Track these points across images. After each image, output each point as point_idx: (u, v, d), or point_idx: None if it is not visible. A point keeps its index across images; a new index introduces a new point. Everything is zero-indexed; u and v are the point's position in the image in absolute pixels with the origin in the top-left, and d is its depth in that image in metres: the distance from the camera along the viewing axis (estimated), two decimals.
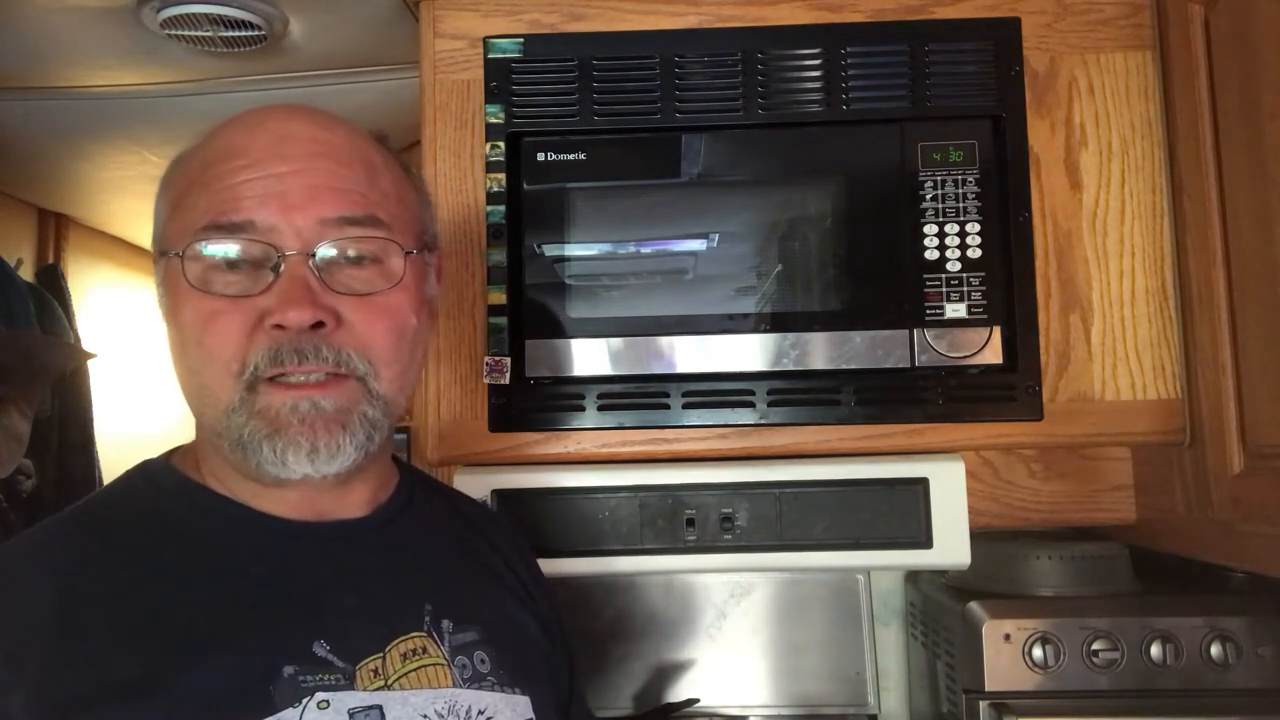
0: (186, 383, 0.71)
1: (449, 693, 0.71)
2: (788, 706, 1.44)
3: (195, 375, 0.70)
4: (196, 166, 0.72)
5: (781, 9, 1.14)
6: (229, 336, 0.67)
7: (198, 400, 0.71)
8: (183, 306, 0.69)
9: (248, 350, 0.67)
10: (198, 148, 0.73)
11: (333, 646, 0.68)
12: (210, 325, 0.68)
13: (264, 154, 0.70)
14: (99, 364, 1.97)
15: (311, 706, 0.65)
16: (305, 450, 0.68)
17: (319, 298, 0.68)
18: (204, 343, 0.68)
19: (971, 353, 1.08)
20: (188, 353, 0.69)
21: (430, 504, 0.85)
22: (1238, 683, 1.06)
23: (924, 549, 1.08)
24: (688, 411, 1.10)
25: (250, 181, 0.69)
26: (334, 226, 0.70)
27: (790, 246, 1.12)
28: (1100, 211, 1.11)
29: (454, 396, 1.12)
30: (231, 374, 0.68)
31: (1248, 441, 0.96)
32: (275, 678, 0.65)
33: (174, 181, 0.73)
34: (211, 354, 0.68)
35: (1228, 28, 0.97)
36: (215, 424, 0.70)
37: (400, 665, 0.70)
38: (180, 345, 0.70)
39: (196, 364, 0.69)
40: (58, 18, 1.26)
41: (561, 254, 1.12)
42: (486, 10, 1.15)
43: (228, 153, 0.70)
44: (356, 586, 0.73)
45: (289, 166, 0.69)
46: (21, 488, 1.71)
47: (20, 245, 2.05)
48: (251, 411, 0.68)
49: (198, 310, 0.68)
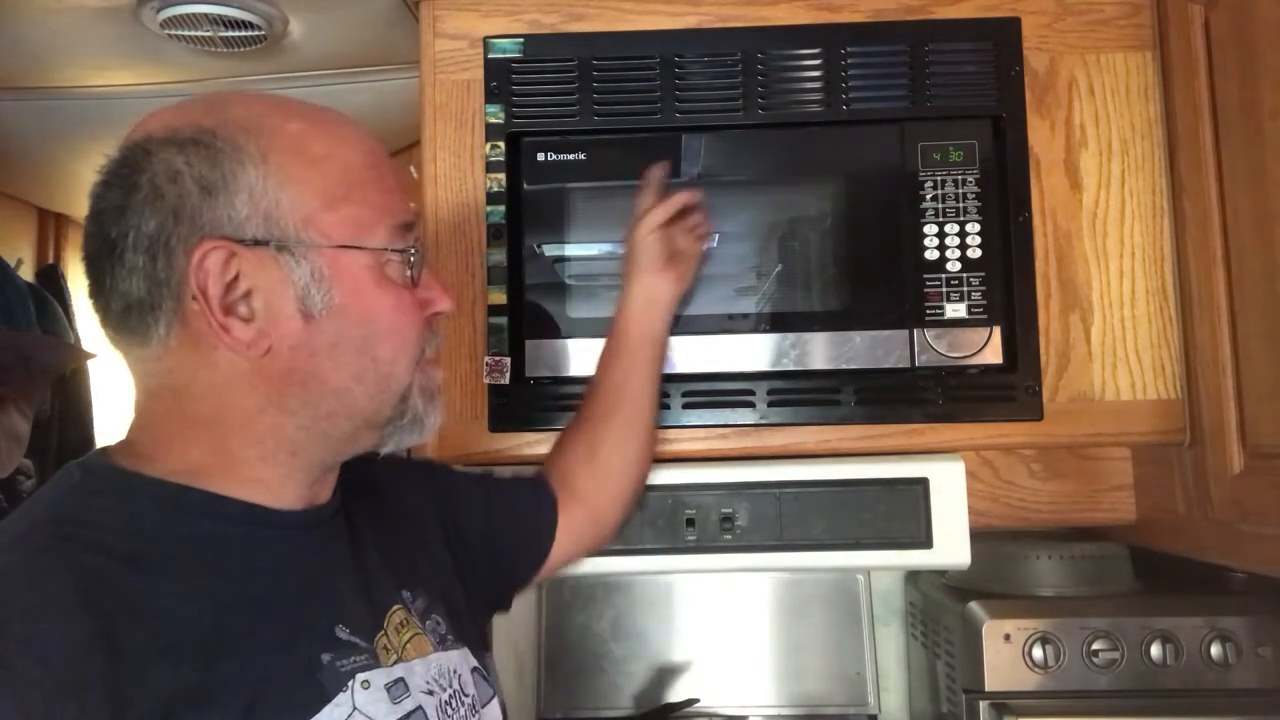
0: (367, 372, 0.72)
1: (434, 657, 0.76)
2: (788, 706, 1.44)
3: (383, 363, 0.72)
4: (346, 163, 0.71)
5: (781, 9, 1.14)
6: (417, 325, 0.74)
7: (375, 388, 0.73)
8: (380, 299, 0.72)
9: (422, 336, 0.75)
10: (325, 139, 0.71)
11: (351, 629, 0.70)
12: (406, 316, 0.73)
13: (380, 156, 0.75)
14: (99, 364, 1.97)
15: (356, 688, 0.67)
16: (439, 416, 0.78)
17: None
18: (401, 331, 0.73)
19: (971, 353, 1.08)
20: (381, 343, 0.72)
21: (353, 476, 0.84)
22: (1238, 683, 1.06)
23: (924, 549, 1.08)
24: (688, 411, 1.10)
25: (397, 188, 0.75)
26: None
27: (790, 246, 1.12)
28: (1100, 211, 1.11)
29: (454, 396, 1.12)
30: (413, 358, 0.74)
31: (1248, 441, 0.96)
32: (318, 667, 0.66)
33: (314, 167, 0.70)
34: (405, 340, 0.73)
35: (1228, 28, 0.97)
36: (384, 409, 0.74)
37: (399, 637, 0.74)
38: (372, 337, 0.72)
39: (390, 351, 0.73)
40: (58, 18, 1.26)
41: (561, 254, 1.12)
42: (486, 10, 1.15)
43: (364, 152, 0.73)
44: (342, 568, 0.74)
45: (390, 169, 0.76)
46: (21, 488, 1.71)
47: (20, 245, 2.05)
48: (420, 389, 0.75)
49: (397, 301, 0.73)
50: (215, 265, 0.67)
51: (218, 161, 0.68)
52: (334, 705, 0.65)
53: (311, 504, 0.75)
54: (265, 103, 0.73)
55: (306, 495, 0.74)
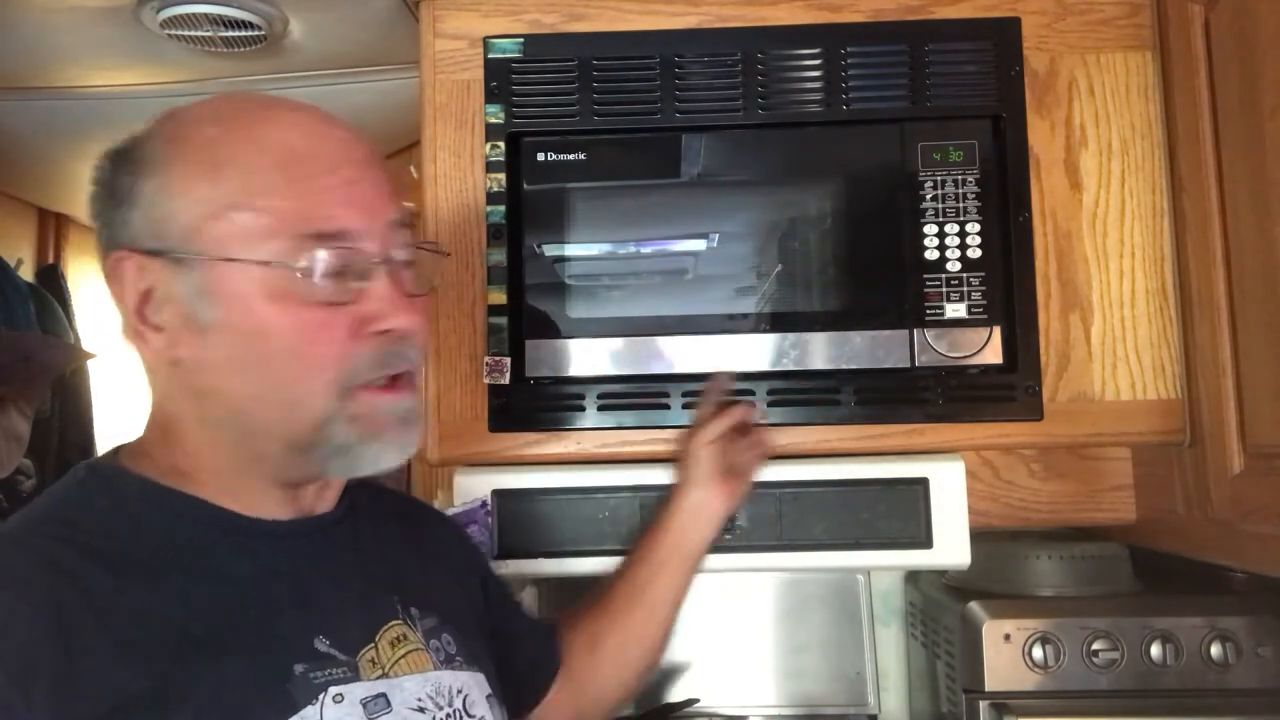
0: (266, 395, 0.68)
1: (433, 675, 0.74)
2: (788, 706, 1.44)
3: (283, 387, 0.67)
4: (260, 170, 0.67)
5: (781, 9, 1.14)
6: (332, 344, 0.67)
7: (281, 411, 0.68)
8: (271, 317, 0.66)
9: (350, 357, 0.67)
10: (246, 149, 0.68)
11: (332, 640, 0.69)
12: (311, 334, 0.67)
13: (336, 160, 0.69)
14: (99, 364, 1.97)
15: (328, 701, 0.66)
16: (397, 450, 0.70)
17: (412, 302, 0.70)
18: (304, 352, 0.67)
19: (971, 353, 1.08)
20: (275, 364, 0.67)
21: (369, 495, 0.85)
22: (1238, 683, 1.06)
23: (924, 549, 1.08)
24: (688, 411, 1.09)
25: (333, 188, 0.68)
26: (397, 229, 0.71)
27: (790, 246, 1.12)
28: (1100, 211, 1.11)
29: (454, 396, 1.12)
30: (328, 381, 0.67)
31: (1248, 441, 0.96)
32: (289, 676, 0.65)
33: (206, 175, 0.67)
34: (311, 363, 0.67)
35: (1228, 28, 0.97)
36: (299, 435, 0.68)
37: (391, 652, 0.72)
38: (263, 357, 0.67)
39: (289, 375, 0.67)
40: (58, 18, 1.26)
41: (561, 254, 1.12)
42: (486, 10, 1.15)
43: (297, 157, 0.68)
44: (336, 580, 0.74)
45: (357, 171, 0.70)
46: (21, 488, 1.71)
47: (20, 245, 2.05)
48: (349, 416, 0.68)
49: (296, 320, 0.66)
50: (129, 273, 0.68)
51: (130, 170, 0.69)
52: (299, 717, 0.64)
53: (303, 514, 0.74)
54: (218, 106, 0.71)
55: (293, 506, 0.74)
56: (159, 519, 0.69)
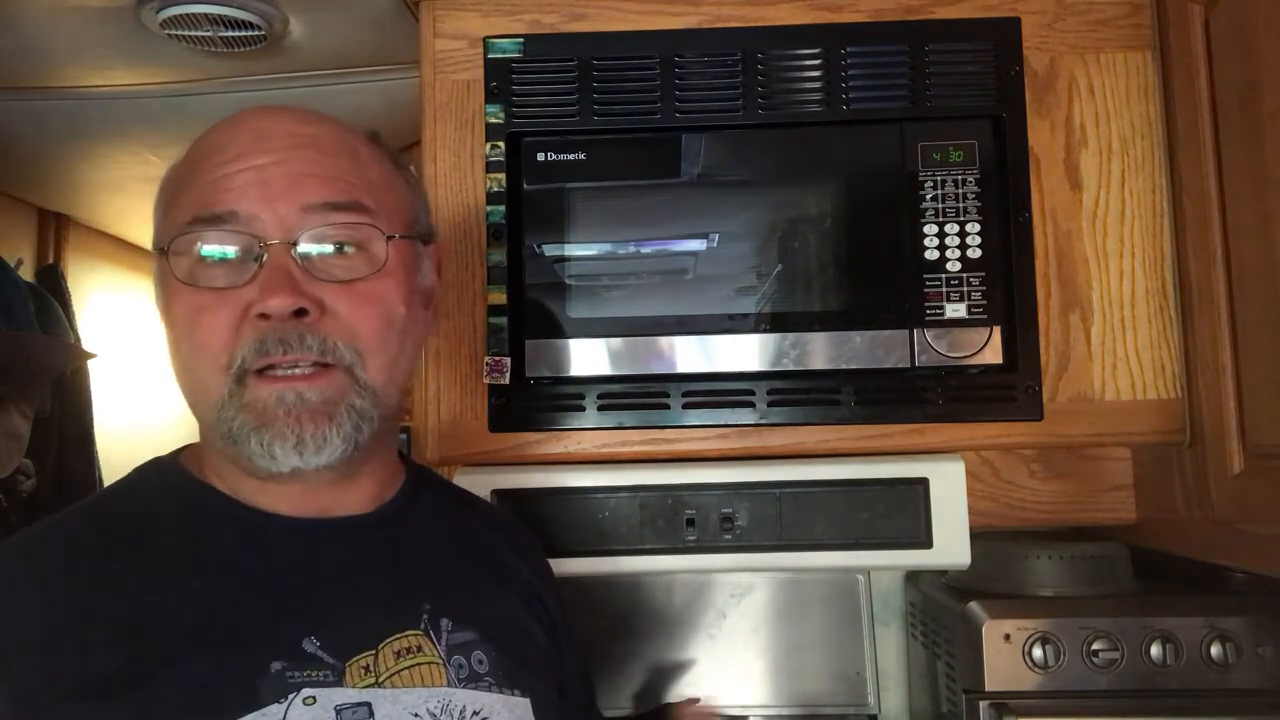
0: (181, 379, 0.72)
1: (443, 692, 0.70)
2: (788, 706, 1.44)
3: (187, 371, 0.70)
4: (184, 167, 0.74)
5: (781, 9, 1.14)
6: (216, 330, 0.68)
7: (191, 395, 0.71)
8: (173, 302, 0.70)
9: (235, 343, 0.67)
10: (188, 150, 0.75)
11: (323, 643, 0.68)
12: (198, 319, 0.68)
13: (245, 148, 0.70)
14: (99, 364, 1.97)
15: (297, 702, 0.64)
16: (292, 442, 0.68)
17: (301, 285, 0.68)
18: (193, 337, 0.69)
19: (971, 353, 1.08)
20: (180, 349, 0.70)
21: (438, 503, 0.85)
22: (1238, 683, 1.06)
23: (924, 549, 1.08)
24: (688, 411, 1.10)
25: (231, 175, 0.69)
26: (317, 213, 0.70)
27: (790, 246, 1.12)
28: (1100, 212, 1.11)
29: (454, 396, 1.12)
30: (220, 367, 0.68)
31: (1248, 441, 0.96)
32: (262, 673, 0.65)
33: (166, 184, 0.76)
34: (201, 348, 0.68)
35: (1228, 28, 0.97)
36: (207, 418, 0.70)
37: (392, 663, 0.70)
38: (173, 342, 0.71)
39: (188, 359, 0.70)
40: (58, 18, 1.26)
41: (561, 254, 1.12)
42: (486, 10, 1.15)
43: (210, 150, 0.72)
44: (352, 583, 0.73)
45: (270, 158, 0.70)
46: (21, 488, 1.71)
47: (20, 245, 2.05)
48: (240, 405, 0.68)
49: (187, 305, 0.69)
50: (154, 273, 0.74)
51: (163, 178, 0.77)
52: (260, 714, 0.63)
53: (323, 513, 0.74)
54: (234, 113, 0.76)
55: (310, 504, 0.74)
56: (183, 510, 0.73)
